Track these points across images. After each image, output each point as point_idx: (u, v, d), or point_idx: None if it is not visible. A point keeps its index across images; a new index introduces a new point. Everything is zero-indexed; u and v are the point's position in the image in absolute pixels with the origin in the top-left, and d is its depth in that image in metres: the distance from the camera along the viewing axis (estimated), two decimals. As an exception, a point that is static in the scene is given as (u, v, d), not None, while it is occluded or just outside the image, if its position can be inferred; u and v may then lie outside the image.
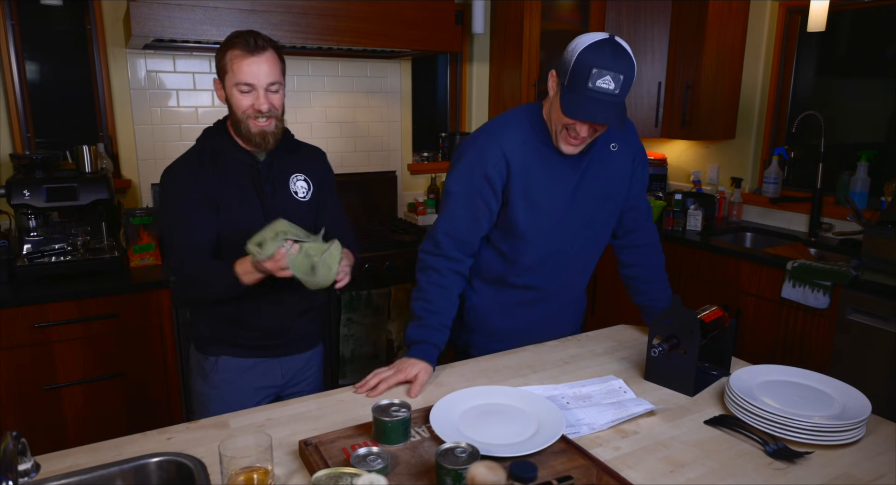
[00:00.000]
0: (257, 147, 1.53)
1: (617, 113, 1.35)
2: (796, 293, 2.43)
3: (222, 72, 1.49)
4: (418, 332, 1.50)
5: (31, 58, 2.58)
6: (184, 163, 1.55)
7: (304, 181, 1.64)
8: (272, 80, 1.48)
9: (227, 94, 1.50)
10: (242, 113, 1.48)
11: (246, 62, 1.45)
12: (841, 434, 1.17)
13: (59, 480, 1.03)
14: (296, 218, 1.50)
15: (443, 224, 1.56)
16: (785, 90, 3.16)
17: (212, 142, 1.56)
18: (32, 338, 2.11)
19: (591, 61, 1.33)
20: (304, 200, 1.63)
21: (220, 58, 1.49)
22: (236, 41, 1.47)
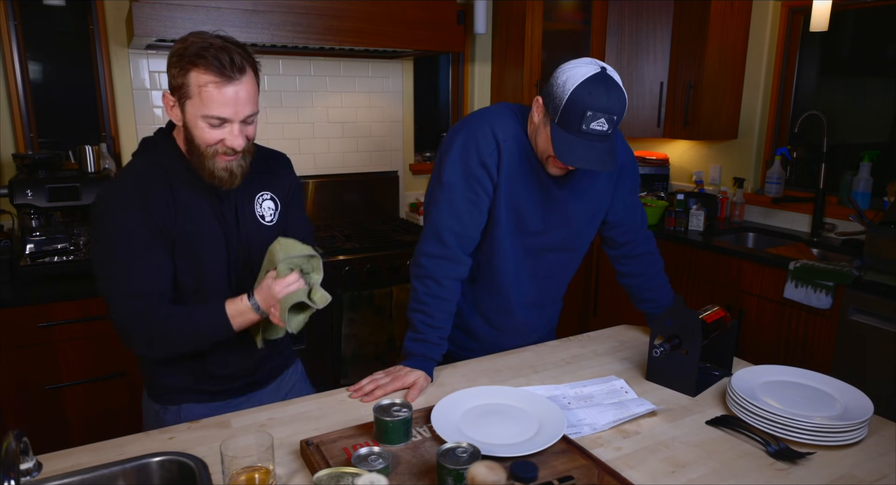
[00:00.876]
0: (220, 184, 1.26)
1: (608, 152, 1.33)
2: (799, 294, 2.43)
3: (182, 94, 1.18)
4: (417, 346, 1.46)
5: (34, 58, 2.59)
6: (133, 183, 1.24)
7: (270, 201, 1.40)
8: (251, 112, 1.22)
9: (187, 122, 1.21)
10: (207, 147, 1.21)
11: (220, 92, 1.16)
12: (843, 435, 1.16)
13: (61, 479, 1.03)
14: (262, 247, 1.31)
15: (445, 220, 1.46)
16: (787, 90, 3.16)
17: (165, 162, 1.27)
18: (35, 338, 2.12)
19: (585, 103, 1.28)
20: (271, 223, 1.39)
21: (177, 74, 1.17)
22: (205, 61, 1.15)
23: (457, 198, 1.45)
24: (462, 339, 1.67)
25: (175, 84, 1.19)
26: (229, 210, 1.32)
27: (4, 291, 2.12)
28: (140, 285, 1.21)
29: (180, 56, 1.17)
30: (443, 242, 1.47)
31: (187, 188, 1.27)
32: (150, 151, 1.29)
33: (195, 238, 1.27)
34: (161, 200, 1.24)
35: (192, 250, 1.27)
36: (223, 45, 1.17)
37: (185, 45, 1.17)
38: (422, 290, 1.48)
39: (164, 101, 1.23)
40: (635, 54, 3.29)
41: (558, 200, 1.51)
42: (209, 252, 1.29)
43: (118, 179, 1.26)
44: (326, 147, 3.22)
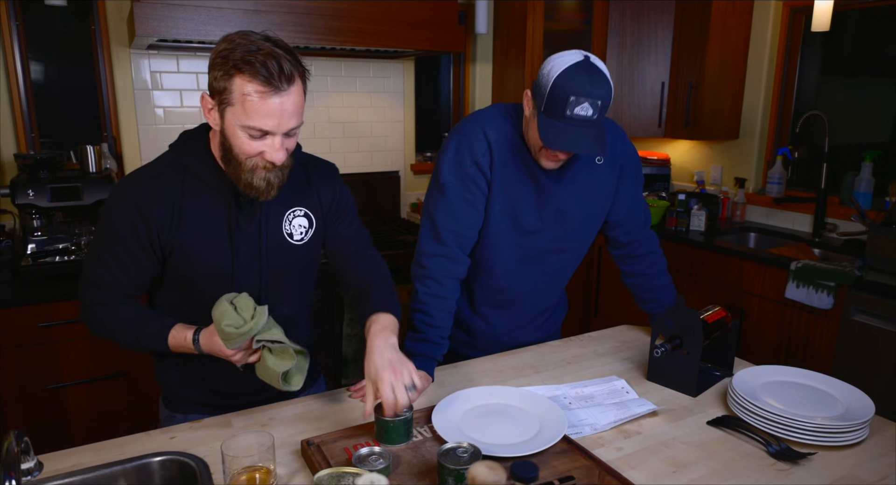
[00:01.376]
0: (256, 195, 1.18)
1: (595, 138, 1.33)
2: (800, 294, 2.42)
3: (223, 100, 1.10)
4: (417, 346, 1.47)
5: (36, 58, 2.59)
6: (141, 182, 1.20)
7: (304, 218, 1.31)
8: (296, 125, 1.13)
9: (226, 129, 1.13)
10: (247, 159, 1.14)
11: (265, 103, 1.07)
12: (844, 435, 1.16)
13: (63, 478, 1.03)
14: (285, 268, 1.28)
15: (443, 220, 1.48)
16: (789, 90, 3.16)
17: (189, 161, 1.22)
18: (36, 337, 2.12)
19: (567, 89, 1.30)
20: (300, 242, 1.31)
21: (220, 77, 1.09)
22: (252, 67, 1.06)
23: (453, 198, 1.48)
24: (463, 337, 1.67)
25: (216, 87, 1.10)
26: (251, 224, 1.24)
27: (6, 291, 2.12)
28: (105, 280, 1.22)
29: (224, 58, 1.07)
30: (441, 241, 1.48)
31: (206, 193, 1.21)
32: (181, 146, 1.24)
33: (198, 245, 1.21)
34: (165, 204, 1.19)
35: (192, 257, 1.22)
36: (272, 50, 1.07)
37: (231, 46, 1.07)
38: (422, 290, 1.49)
39: (203, 103, 1.15)
40: (636, 54, 3.29)
41: (555, 197, 1.51)
42: (211, 262, 1.22)
43: (138, 172, 1.23)
44: (327, 147, 3.22)
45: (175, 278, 1.25)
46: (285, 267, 1.30)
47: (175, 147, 1.25)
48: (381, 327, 1.24)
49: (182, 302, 1.28)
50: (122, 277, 1.22)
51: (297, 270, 1.34)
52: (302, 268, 1.34)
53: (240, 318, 1.14)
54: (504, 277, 1.58)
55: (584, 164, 1.53)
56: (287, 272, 1.31)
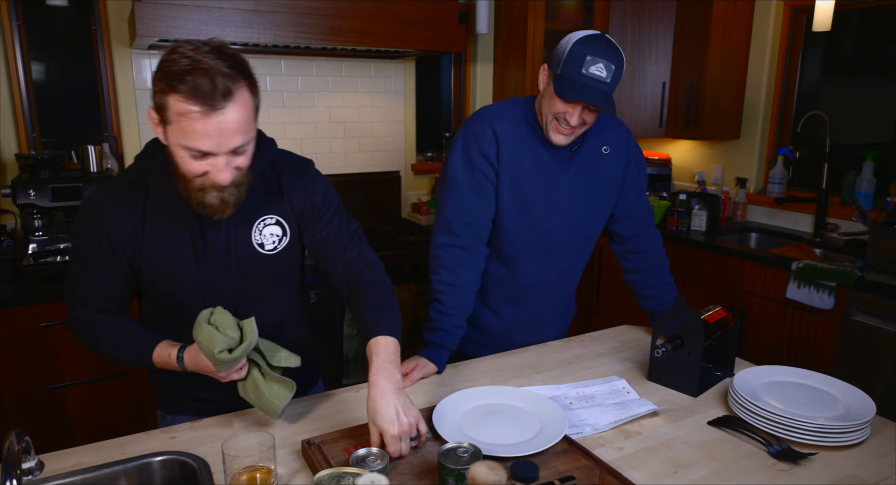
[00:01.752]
0: (212, 214, 1.12)
1: (608, 99, 1.38)
2: (801, 294, 2.42)
3: (164, 118, 1.05)
4: (430, 335, 1.50)
5: (37, 58, 2.59)
6: (103, 197, 1.18)
7: (276, 225, 1.25)
8: (240, 143, 1.06)
9: (171, 147, 1.07)
10: (194, 178, 1.08)
11: (203, 123, 1.00)
12: (845, 436, 1.16)
13: (63, 478, 1.03)
14: (259, 277, 1.24)
15: (453, 212, 1.51)
16: (790, 90, 3.15)
17: (150, 177, 1.18)
18: (37, 337, 2.12)
19: (585, 50, 1.37)
20: (273, 252, 1.25)
21: (158, 93, 1.03)
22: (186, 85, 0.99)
23: (462, 189, 1.51)
24: (471, 332, 1.68)
25: (158, 103, 1.05)
26: (218, 236, 1.19)
27: (7, 291, 2.13)
28: (82, 295, 1.23)
29: (164, 72, 1.02)
30: (453, 232, 1.51)
31: (168, 209, 1.17)
32: (145, 160, 1.20)
33: (163, 261, 1.19)
34: (126, 221, 1.17)
35: (159, 273, 1.20)
36: (209, 65, 1.00)
37: (171, 60, 1.02)
38: (435, 279, 1.53)
39: (150, 118, 1.09)
40: (637, 54, 3.28)
41: (562, 186, 1.54)
42: (176, 281, 1.20)
43: (101, 188, 1.21)
44: (328, 147, 3.22)
45: (152, 293, 1.26)
46: (260, 278, 1.25)
47: (140, 158, 1.21)
48: (384, 361, 1.13)
49: (164, 316, 1.28)
50: (98, 293, 1.22)
51: (275, 279, 1.29)
52: (280, 277, 1.30)
53: (228, 339, 1.11)
54: (515, 268, 1.60)
55: (591, 154, 1.56)
56: (263, 283, 1.27)
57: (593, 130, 1.56)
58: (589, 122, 1.45)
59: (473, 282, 1.54)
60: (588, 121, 1.45)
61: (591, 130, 1.55)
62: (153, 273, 1.21)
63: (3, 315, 2.06)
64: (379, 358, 1.13)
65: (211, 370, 1.16)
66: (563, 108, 1.42)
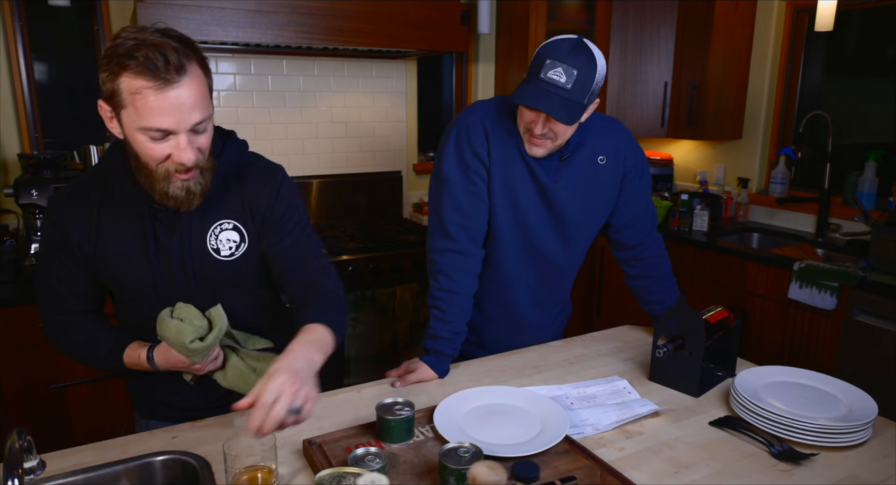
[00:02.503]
0: (178, 205, 1.11)
1: (563, 106, 1.31)
2: (803, 294, 2.42)
3: (116, 103, 1.01)
4: (429, 342, 1.49)
5: (39, 58, 2.60)
6: (62, 198, 1.18)
7: (233, 231, 1.20)
8: (200, 119, 1.03)
9: (128, 136, 1.04)
10: (158, 166, 1.05)
11: (157, 98, 0.97)
12: (847, 436, 1.16)
13: (65, 478, 1.04)
14: (218, 283, 1.21)
15: (448, 215, 1.49)
16: (792, 90, 3.15)
17: (110, 176, 1.16)
18: (39, 337, 2.10)
19: (545, 53, 1.32)
20: (229, 258, 1.20)
21: (107, 80, 0.99)
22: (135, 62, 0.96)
23: (457, 191, 1.49)
24: (470, 336, 1.67)
25: (107, 91, 1.00)
26: (172, 238, 1.16)
27: (9, 291, 2.13)
28: (49, 296, 1.22)
29: (109, 57, 0.98)
30: (449, 236, 1.50)
31: (120, 208, 1.16)
32: (107, 157, 1.17)
33: (117, 264, 1.17)
34: (82, 222, 1.16)
35: (114, 276, 1.19)
36: (157, 41, 0.97)
37: (116, 43, 0.98)
38: (434, 286, 1.51)
39: (101, 113, 1.04)
40: (639, 54, 3.28)
41: (553, 191, 1.51)
42: (132, 280, 1.18)
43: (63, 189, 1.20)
44: (330, 147, 3.22)
45: (114, 293, 1.26)
46: (217, 283, 1.21)
47: (103, 157, 1.20)
48: (308, 340, 1.05)
49: (128, 316, 1.28)
50: (65, 292, 1.21)
51: (235, 284, 1.24)
52: (240, 282, 1.25)
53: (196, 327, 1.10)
54: (507, 272, 1.59)
55: (585, 163, 1.53)
56: (221, 288, 1.22)
57: (588, 139, 1.51)
58: (558, 132, 1.39)
59: (472, 286, 1.53)
60: (556, 131, 1.39)
61: (586, 138, 1.51)
62: (109, 273, 1.19)
63: (6, 315, 2.07)
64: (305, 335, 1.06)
65: (185, 364, 1.15)
66: (529, 118, 1.39)
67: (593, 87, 1.34)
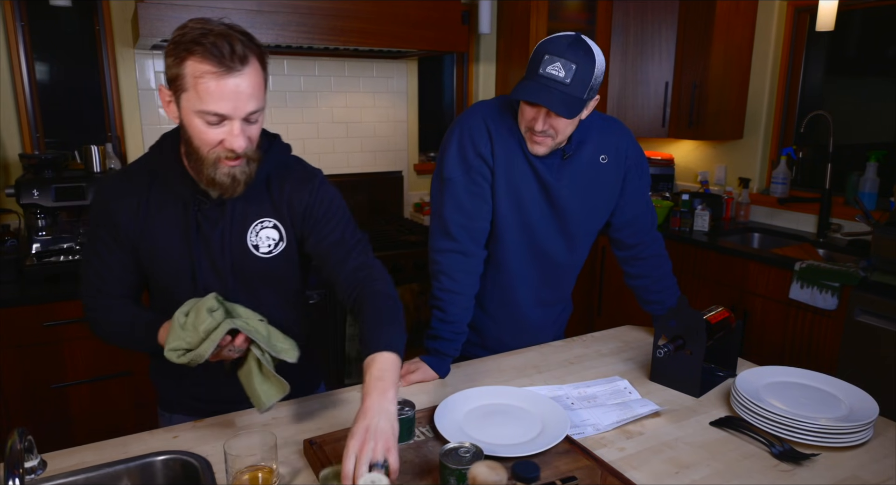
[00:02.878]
0: (223, 192, 1.14)
1: (563, 100, 1.31)
2: (804, 294, 2.42)
3: (178, 87, 1.06)
4: (430, 343, 1.50)
5: (41, 59, 2.60)
6: (112, 183, 1.21)
7: (273, 229, 1.24)
8: (254, 108, 1.07)
9: (184, 119, 1.08)
10: (209, 151, 1.08)
11: (218, 84, 1.02)
12: (848, 436, 1.16)
13: (66, 477, 1.04)
14: (255, 278, 1.23)
15: (451, 215, 1.48)
16: (793, 90, 3.15)
17: (157, 164, 1.20)
18: (41, 337, 2.13)
19: (544, 49, 1.33)
20: (268, 255, 1.23)
21: (172, 64, 1.05)
22: (201, 48, 1.02)
23: (459, 191, 1.48)
24: (472, 337, 1.67)
25: (171, 75, 1.06)
26: (213, 231, 1.19)
27: (11, 291, 2.13)
28: (96, 282, 1.23)
29: (176, 44, 1.04)
30: (451, 236, 1.50)
31: (169, 198, 1.19)
32: (155, 150, 1.23)
33: (158, 252, 1.20)
34: (129, 207, 1.18)
35: (154, 263, 1.21)
36: (224, 31, 1.04)
37: (184, 31, 1.05)
38: (436, 286, 1.51)
39: (161, 97, 1.10)
40: (640, 54, 3.28)
41: (556, 190, 1.51)
42: (171, 269, 1.20)
43: (113, 174, 1.25)
44: (331, 147, 3.22)
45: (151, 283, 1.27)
46: (253, 278, 1.24)
47: (155, 148, 1.23)
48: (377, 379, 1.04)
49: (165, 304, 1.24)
50: (109, 276, 1.22)
51: (271, 281, 1.27)
52: (276, 279, 1.28)
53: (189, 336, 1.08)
54: (510, 271, 1.59)
55: (587, 162, 1.53)
56: (257, 283, 1.25)
57: (589, 138, 1.52)
58: (559, 128, 1.39)
59: (473, 287, 1.53)
60: (557, 127, 1.38)
61: (588, 137, 1.51)
62: (150, 259, 1.21)
63: (7, 315, 2.07)
64: (373, 372, 1.06)
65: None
66: (530, 115, 1.39)
67: (592, 82, 1.34)
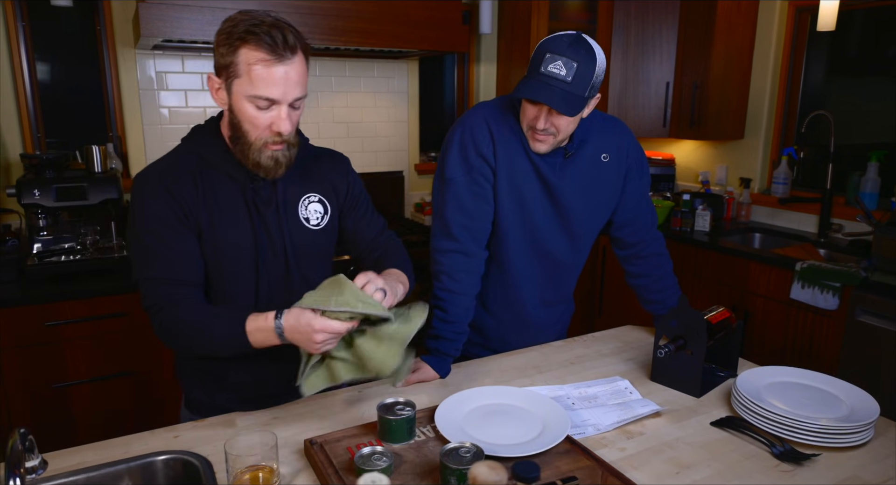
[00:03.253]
0: (265, 175, 1.21)
1: (564, 98, 1.32)
2: (805, 294, 2.42)
3: (230, 73, 1.13)
4: (433, 342, 1.50)
5: (42, 59, 2.60)
6: (161, 169, 1.22)
7: (318, 203, 1.33)
8: (300, 95, 1.16)
9: (234, 104, 1.15)
10: (257, 136, 1.16)
11: (269, 71, 1.10)
12: (848, 436, 1.16)
13: (67, 477, 1.04)
14: (306, 252, 1.30)
15: (452, 215, 1.49)
16: (794, 90, 3.14)
17: (201, 149, 1.24)
18: (42, 336, 2.13)
19: (545, 48, 1.34)
20: (317, 227, 1.32)
21: (226, 53, 1.12)
22: (255, 37, 1.09)
23: (461, 192, 1.49)
24: (474, 337, 1.68)
25: (222, 63, 1.13)
26: (268, 208, 1.25)
27: (12, 290, 2.14)
28: (165, 272, 1.17)
29: (229, 33, 1.11)
30: (453, 236, 1.50)
31: (222, 179, 1.23)
32: (193, 138, 1.26)
33: (221, 230, 1.21)
34: (188, 187, 1.19)
35: (216, 243, 1.21)
36: (275, 22, 1.12)
37: (235, 22, 1.11)
38: (437, 286, 1.52)
39: (210, 84, 1.17)
40: (641, 54, 3.28)
41: (558, 189, 1.51)
42: (234, 247, 1.22)
43: (156, 164, 1.24)
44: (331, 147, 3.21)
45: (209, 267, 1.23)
46: (306, 252, 1.30)
47: (187, 140, 1.27)
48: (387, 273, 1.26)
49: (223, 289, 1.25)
50: (178, 263, 1.18)
51: (318, 255, 1.34)
52: (321, 254, 1.36)
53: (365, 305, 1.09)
54: (513, 272, 1.59)
55: (588, 161, 1.53)
56: (310, 259, 1.32)
57: (591, 137, 1.52)
58: (560, 126, 1.39)
59: (474, 287, 1.53)
60: (559, 125, 1.39)
61: (589, 136, 1.52)
62: (213, 242, 1.21)
63: (8, 314, 2.07)
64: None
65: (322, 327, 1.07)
66: (532, 114, 1.39)
67: (593, 80, 1.35)
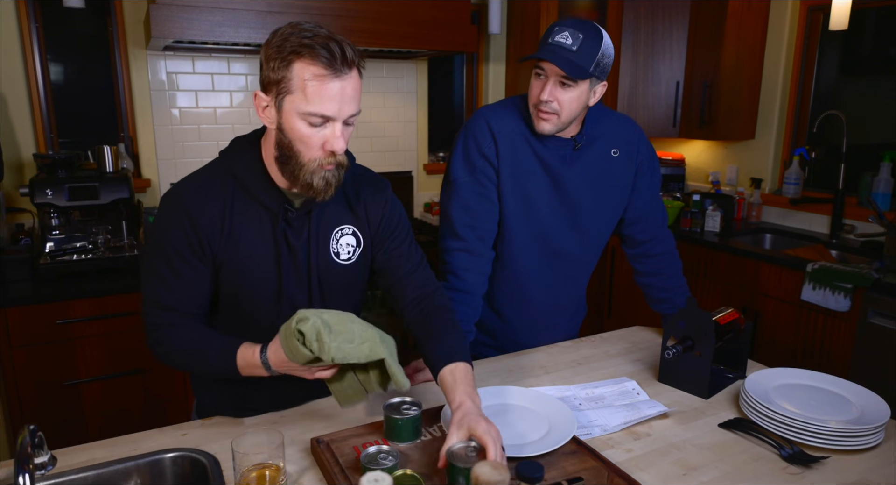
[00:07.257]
0: (314, 196, 1.12)
1: (569, 61, 1.37)
2: (816, 296, 2.39)
3: (281, 89, 1.05)
4: None
5: (55, 60, 2.63)
6: (191, 190, 1.15)
7: (351, 236, 1.24)
8: (355, 111, 1.08)
9: (284, 122, 1.07)
10: (311, 157, 1.08)
11: (326, 87, 1.03)
12: (858, 439, 1.15)
13: (76, 474, 1.05)
14: (332, 286, 1.24)
15: (457, 216, 1.51)
16: (806, 89, 3.12)
17: (237, 168, 1.16)
18: (54, 335, 2.15)
19: (554, 24, 1.42)
20: (348, 262, 1.24)
21: (277, 67, 1.04)
22: (312, 51, 1.02)
23: (465, 192, 1.51)
24: (482, 338, 1.68)
25: (273, 79, 1.05)
26: (299, 241, 1.18)
27: (24, 289, 2.16)
28: (167, 299, 1.15)
29: (280, 48, 1.04)
30: (459, 236, 1.51)
31: (253, 208, 1.15)
32: (233, 155, 1.18)
33: (244, 264, 1.16)
34: (214, 217, 1.13)
35: (238, 275, 1.16)
36: (330, 35, 1.05)
37: (285, 35, 1.05)
38: (444, 285, 1.51)
39: (257, 103, 1.09)
40: (651, 54, 3.26)
41: (567, 185, 1.52)
42: (258, 282, 1.17)
43: (188, 180, 1.17)
44: (341, 147, 3.23)
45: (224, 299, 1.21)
46: (333, 287, 1.24)
47: (226, 154, 1.20)
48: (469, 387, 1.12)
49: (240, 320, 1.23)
50: (183, 292, 1.15)
51: (344, 290, 1.27)
52: (348, 289, 1.28)
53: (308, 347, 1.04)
54: (523, 272, 1.59)
55: (598, 155, 1.54)
56: (335, 292, 1.26)
57: (601, 132, 1.54)
58: (563, 101, 1.40)
59: (481, 286, 1.54)
60: (562, 100, 1.40)
61: (600, 132, 1.53)
62: (233, 274, 1.16)
63: (21, 313, 2.09)
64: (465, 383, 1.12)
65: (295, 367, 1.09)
66: (536, 90, 1.42)
67: (598, 57, 1.39)
